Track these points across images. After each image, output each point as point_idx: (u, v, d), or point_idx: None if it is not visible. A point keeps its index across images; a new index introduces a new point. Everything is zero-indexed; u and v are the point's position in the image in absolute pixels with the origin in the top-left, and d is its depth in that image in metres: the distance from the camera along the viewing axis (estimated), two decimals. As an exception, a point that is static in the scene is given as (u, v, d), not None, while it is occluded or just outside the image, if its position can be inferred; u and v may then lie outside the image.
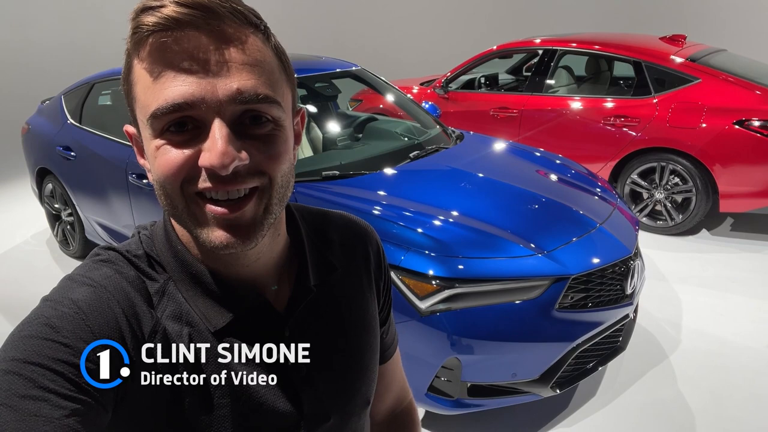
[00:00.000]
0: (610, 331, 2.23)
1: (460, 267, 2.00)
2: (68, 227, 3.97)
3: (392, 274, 1.98)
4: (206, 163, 0.55)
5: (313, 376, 0.70)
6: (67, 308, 0.57)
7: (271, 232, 0.64)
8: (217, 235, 0.58)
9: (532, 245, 2.14)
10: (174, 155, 0.56)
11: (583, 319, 2.11)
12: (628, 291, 2.25)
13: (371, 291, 0.82)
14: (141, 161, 0.64)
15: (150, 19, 0.53)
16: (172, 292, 0.64)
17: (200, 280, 0.64)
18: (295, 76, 0.66)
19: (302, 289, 0.71)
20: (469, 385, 2.01)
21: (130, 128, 0.65)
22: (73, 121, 3.66)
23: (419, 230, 2.12)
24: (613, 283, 2.21)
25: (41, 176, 4.02)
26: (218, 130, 0.55)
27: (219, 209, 0.57)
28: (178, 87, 0.54)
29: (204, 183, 0.56)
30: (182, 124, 0.56)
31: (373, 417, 0.95)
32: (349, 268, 0.79)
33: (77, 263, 3.88)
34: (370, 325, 0.80)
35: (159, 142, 0.57)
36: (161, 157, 0.56)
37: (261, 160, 0.58)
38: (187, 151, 0.56)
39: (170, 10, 0.53)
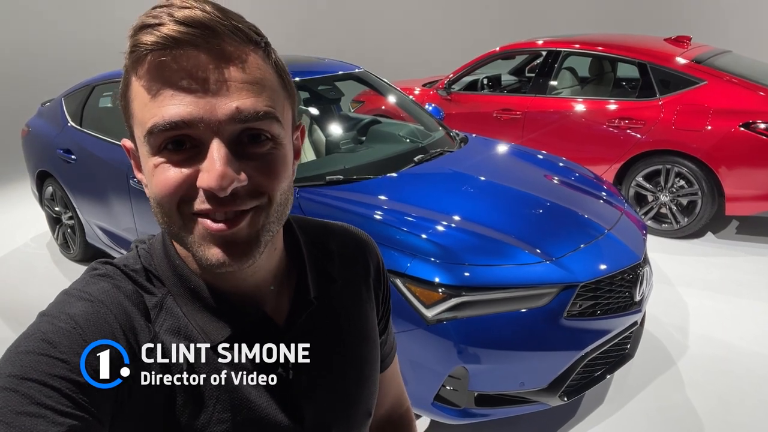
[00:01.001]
0: (619, 338, 2.21)
1: (467, 274, 1.98)
2: (69, 230, 3.94)
3: (398, 282, 1.95)
4: (204, 185, 0.54)
5: (313, 388, 0.70)
6: (63, 323, 0.56)
7: (268, 247, 0.63)
8: (213, 253, 0.57)
9: (538, 251, 2.12)
10: (172, 174, 0.55)
11: (592, 327, 2.08)
12: (637, 298, 2.23)
13: (370, 302, 0.82)
14: (138, 175, 0.64)
15: (148, 38, 0.52)
16: (170, 306, 0.64)
17: (198, 294, 0.64)
18: (298, 79, 0.65)
19: (302, 302, 0.71)
20: (476, 394, 1.99)
21: (127, 142, 0.64)
22: (73, 124, 3.63)
23: (423, 236, 2.10)
24: (621, 291, 2.18)
25: (41, 179, 4.00)
26: (216, 150, 0.54)
27: (216, 225, 0.56)
28: (176, 106, 0.53)
29: (202, 205, 0.56)
30: (180, 142, 0.55)
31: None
32: (348, 279, 0.79)
33: (77, 266, 3.90)
34: (369, 336, 0.80)
35: (157, 160, 0.56)
36: (159, 176, 0.56)
37: (260, 180, 0.57)
38: (185, 171, 0.55)
39: (169, 29, 0.52)
